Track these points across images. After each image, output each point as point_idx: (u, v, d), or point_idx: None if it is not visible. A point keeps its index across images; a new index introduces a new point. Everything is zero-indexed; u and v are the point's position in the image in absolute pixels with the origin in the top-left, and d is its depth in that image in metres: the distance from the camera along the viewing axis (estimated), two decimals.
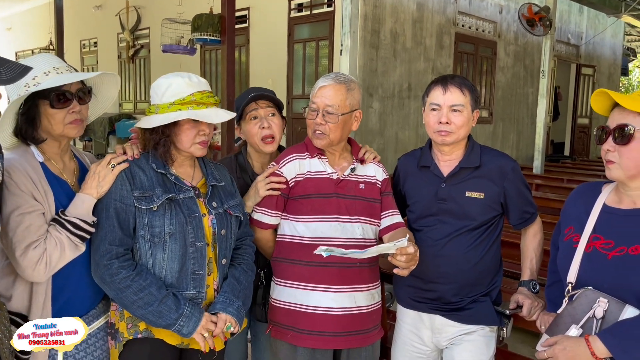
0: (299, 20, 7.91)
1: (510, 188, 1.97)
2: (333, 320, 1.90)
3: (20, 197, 1.53)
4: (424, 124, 2.02)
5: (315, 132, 1.93)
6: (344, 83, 1.93)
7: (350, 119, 1.96)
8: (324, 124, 1.91)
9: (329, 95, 1.91)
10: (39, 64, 1.61)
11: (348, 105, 1.93)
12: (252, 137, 2.12)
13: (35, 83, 1.58)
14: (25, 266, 1.51)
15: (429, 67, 8.23)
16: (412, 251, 1.66)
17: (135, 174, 1.70)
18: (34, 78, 1.58)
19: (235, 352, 2.24)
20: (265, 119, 2.11)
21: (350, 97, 1.94)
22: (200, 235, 1.71)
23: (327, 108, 1.90)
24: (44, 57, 1.67)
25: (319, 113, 1.91)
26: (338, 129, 1.92)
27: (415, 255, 1.69)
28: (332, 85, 1.92)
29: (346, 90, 1.92)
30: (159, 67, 10.48)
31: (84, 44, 12.89)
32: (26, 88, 1.58)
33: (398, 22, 7.60)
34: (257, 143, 2.11)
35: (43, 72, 1.59)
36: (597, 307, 1.51)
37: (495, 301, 2.00)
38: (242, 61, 8.83)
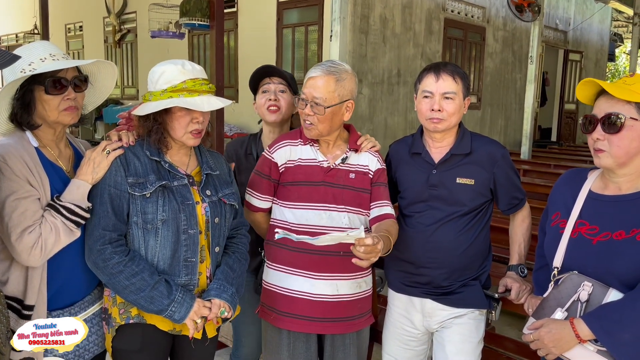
0: (288, 5, 7.85)
1: (499, 174, 2.00)
2: (312, 305, 1.93)
3: (15, 182, 1.54)
4: (416, 111, 2.04)
5: (305, 122, 1.94)
6: (334, 74, 1.91)
7: (340, 110, 1.94)
8: (312, 115, 1.91)
9: (317, 87, 1.89)
10: (35, 50, 1.61)
11: (337, 97, 1.91)
12: (260, 107, 2.25)
13: (31, 69, 1.58)
14: (20, 251, 1.53)
15: (418, 53, 8.23)
16: (370, 243, 1.59)
17: (130, 160, 1.71)
18: (30, 64, 1.58)
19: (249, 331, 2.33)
20: (274, 92, 2.21)
21: (340, 88, 1.91)
22: (193, 223, 1.73)
23: (314, 99, 1.89)
24: (41, 44, 1.67)
25: (308, 104, 1.91)
26: (326, 120, 1.91)
27: (374, 248, 1.60)
28: (320, 76, 1.90)
29: (335, 82, 1.90)
30: (146, 52, 10.36)
31: (69, 28, 12.68)
32: (22, 73, 1.58)
33: (387, 8, 7.58)
34: (263, 113, 2.23)
35: (39, 58, 1.60)
36: (581, 291, 1.56)
37: (485, 285, 2.05)
38: (231, 46, 8.75)
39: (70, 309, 1.69)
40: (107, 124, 9.85)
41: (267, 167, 1.98)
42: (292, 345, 1.97)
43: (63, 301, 1.67)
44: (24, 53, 1.60)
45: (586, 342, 1.50)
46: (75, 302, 1.70)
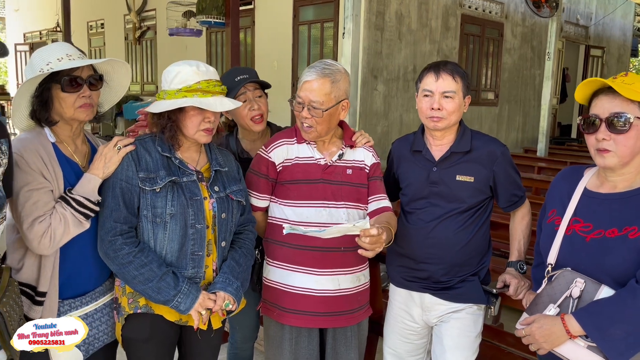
0: (304, 2, 7.90)
1: (499, 172, 2.03)
2: (315, 301, 1.98)
3: (30, 174, 1.63)
4: (417, 110, 2.07)
5: (303, 125, 1.97)
6: (329, 76, 1.92)
7: (337, 111, 1.98)
8: (310, 118, 1.94)
9: (313, 90, 1.91)
10: (53, 51, 1.70)
11: (333, 99, 1.93)
12: (242, 118, 2.24)
13: (49, 68, 1.67)
14: (31, 239, 1.62)
15: (434, 49, 8.21)
16: (375, 233, 1.64)
17: (141, 156, 1.78)
18: (48, 64, 1.67)
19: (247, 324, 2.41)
20: (254, 100, 2.23)
21: (336, 89, 1.93)
22: (201, 218, 1.79)
23: (311, 103, 1.91)
24: (58, 45, 1.76)
25: (305, 107, 1.93)
26: (324, 122, 1.94)
27: (379, 238, 1.66)
28: (316, 79, 1.91)
29: (331, 84, 1.92)
30: (165, 49, 10.52)
31: (91, 26, 12.91)
32: (40, 72, 1.67)
33: (403, 4, 7.58)
34: (247, 124, 2.24)
35: (56, 58, 1.68)
36: (574, 287, 1.59)
37: (484, 280, 2.08)
38: (248, 43, 8.84)
39: (81, 298, 1.77)
40: (127, 120, 10.04)
41: (264, 167, 2.03)
42: (295, 340, 2.03)
43: (75, 290, 1.75)
44: (43, 53, 1.70)
45: (577, 337, 1.53)
46: (87, 291, 1.79)
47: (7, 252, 1.72)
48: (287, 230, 1.68)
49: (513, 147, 10.20)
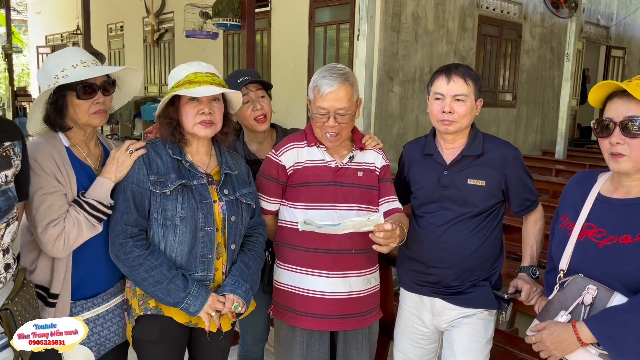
0: (320, 4, 7.90)
1: (511, 176, 2.01)
2: (327, 303, 1.99)
3: (43, 178, 1.66)
4: (429, 113, 2.06)
5: (328, 136, 1.97)
6: (348, 81, 1.95)
7: (356, 111, 2.03)
8: (336, 126, 1.95)
9: (340, 98, 1.92)
10: (67, 57, 1.73)
11: (354, 102, 1.99)
12: (245, 119, 2.27)
13: (64, 75, 1.69)
14: (45, 242, 1.64)
15: (451, 51, 8.15)
16: (389, 228, 1.67)
17: (152, 159, 1.80)
18: (63, 70, 1.70)
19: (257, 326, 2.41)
20: (256, 101, 2.26)
21: (355, 92, 1.99)
22: (210, 221, 1.80)
23: (338, 111, 1.93)
24: (72, 50, 1.78)
25: (330, 117, 1.94)
26: (349, 126, 2.00)
27: (393, 233, 1.69)
28: (339, 88, 1.91)
29: (351, 87, 1.96)
30: (183, 51, 10.61)
31: (110, 28, 13.08)
32: (55, 79, 1.69)
33: (420, 5, 7.54)
34: (251, 124, 2.27)
35: (71, 65, 1.71)
36: (586, 294, 1.56)
37: (495, 285, 2.06)
38: (264, 44, 8.88)
39: (93, 300, 1.79)
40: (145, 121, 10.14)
41: (274, 170, 2.03)
42: (306, 343, 2.03)
43: (86, 292, 1.78)
44: (56, 59, 1.72)
45: (588, 345, 1.51)
46: (99, 293, 1.81)
47: (21, 254, 1.75)
48: (301, 226, 1.69)
49: (531, 149, 10.09)
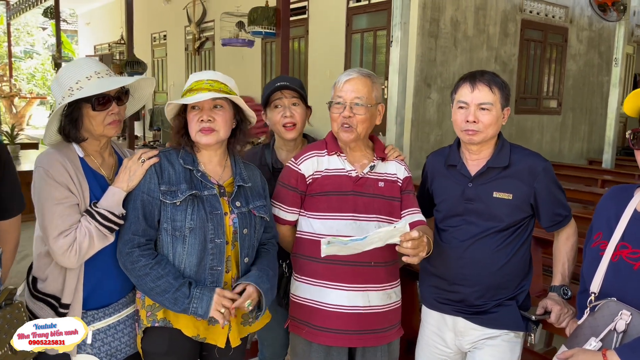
0: (357, 11, 7.86)
1: (540, 189, 1.89)
2: (346, 318, 1.91)
3: (56, 188, 1.65)
4: (452, 122, 1.97)
5: (342, 126, 1.92)
6: (368, 76, 1.94)
7: (376, 112, 1.96)
8: (352, 116, 1.90)
9: (356, 89, 1.90)
10: (82, 69, 1.73)
11: (374, 98, 1.93)
12: (275, 124, 2.22)
13: (79, 87, 1.69)
14: (56, 252, 1.64)
15: (491, 56, 7.95)
16: (416, 235, 1.60)
17: (164, 168, 1.78)
18: (77, 82, 1.70)
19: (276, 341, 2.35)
20: (288, 107, 2.20)
21: (375, 90, 1.94)
22: (220, 233, 1.76)
23: (354, 100, 1.89)
24: (86, 61, 1.78)
25: (347, 106, 1.90)
26: (366, 121, 1.92)
27: (421, 241, 1.63)
28: (357, 77, 1.92)
29: (371, 83, 1.93)
30: (222, 58, 10.77)
31: (154, 37, 13.44)
32: (70, 92, 1.69)
33: (459, 10, 7.38)
34: (279, 130, 2.22)
35: (85, 76, 1.70)
36: (618, 320, 1.44)
37: (523, 305, 1.94)
38: (301, 51, 8.90)
39: (104, 310, 1.78)
40: None
41: (293, 179, 1.98)
42: None
43: (98, 302, 1.76)
44: (70, 71, 1.72)
45: None
46: (110, 303, 1.79)
47: (34, 263, 1.75)
48: (325, 247, 1.59)
49: (577, 158, 9.71)
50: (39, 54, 23.97)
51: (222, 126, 1.81)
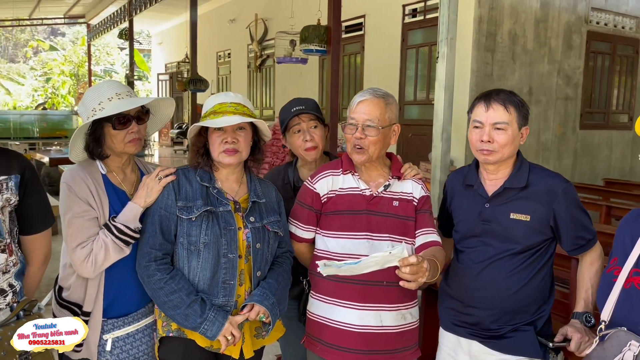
0: (412, 26, 7.83)
1: (560, 211, 1.82)
2: (357, 337, 1.91)
3: (76, 203, 1.78)
4: (469, 141, 1.94)
5: (354, 147, 1.94)
6: (382, 97, 1.94)
7: (389, 133, 1.96)
8: (363, 138, 1.91)
9: (368, 110, 1.91)
10: (104, 90, 1.85)
11: (387, 119, 1.93)
12: (296, 148, 2.27)
13: (100, 108, 1.82)
14: (75, 262, 1.76)
15: (553, 70, 7.66)
16: (414, 261, 1.55)
17: (182, 185, 1.87)
18: (100, 103, 1.82)
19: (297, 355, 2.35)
20: (307, 131, 2.23)
21: (389, 111, 1.94)
22: (233, 248, 1.83)
23: (366, 122, 1.91)
24: (109, 83, 1.91)
25: (358, 127, 1.92)
26: (378, 142, 1.92)
27: (420, 267, 1.57)
28: (370, 99, 1.92)
29: (385, 104, 1.93)
30: (282, 75, 11.02)
31: (219, 55, 13.96)
32: (93, 112, 1.82)
33: (518, 23, 7.19)
34: (301, 154, 2.26)
35: (107, 97, 1.83)
36: (627, 351, 1.37)
37: (542, 332, 1.86)
38: (357, 67, 8.96)
39: (124, 319, 1.88)
40: None
41: (309, 198, 2.01)
42: None
43: (118, 311, 1.87)
44: (94, 93, 1.85)
45: None
46: (129, 313, 1.89)
47: (60, 272, 1.89)
48: (322, 269, 1.61)
49: None
50: (117, 73, 25.48)
51: (244, 147, 1.90)
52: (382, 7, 8.30)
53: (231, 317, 1.79)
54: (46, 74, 25.11)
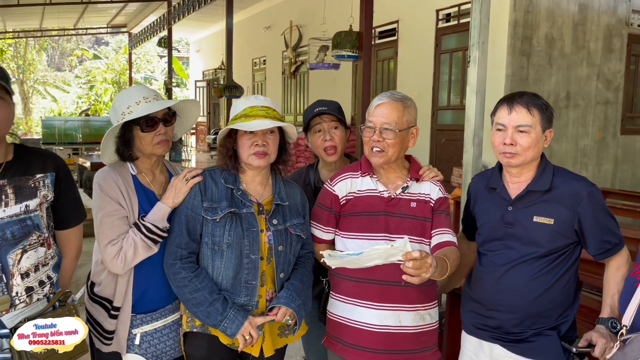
0: (446, 31, 7.79)
1: (585, 215, 1.80)
2: (376, 337, 1.92)
3: (107, 202, 1.86)
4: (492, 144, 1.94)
5: (372, 150, 1.97)
6: (400, 101, 1.96)
7: (407, 136, 1.98)
8: (381, 141, 1.94)
9: (386, 113, 1.94)
10: (132, 95, 1.93)
11: (405, 122, 1.95)
12: (316, 148, 2.32)
13: (129, 112, 1.89)
14: (105, 259, 1.84)
15: (593, 74, 7.48)
16: (417, 255, 1.56)
17: (208, 186, 1.93)
18: (128, 107, 1.90)
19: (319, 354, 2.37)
20: (328, 132, 2.28)
21: (407, 114, 1.96)
22: (255, 249, 1.87)
23: (384, 125, 1.93)
24: (137, 88, 1.99)
25: (376, 130, 1.94)
26: (396, 145, 1.94)
27: (424, 262, 1.58)
28: (388, 103, 1.95)
29: (403, 108, 1.95)
30: (316, 81, 11.10)
31: (255, 62, 14.16)
32: (122, 116, 1.90)
33: (555, 27, 7.06)
34: (321, 154, 2.31)
35: (135, 101, 1.91)
36: None
37: (566, 336, 1.84)
38: (391, 72, 8.95)
39: (152, 314, 1.95)
40: None
41: (328, 200, 2.05)
42: None
43: (146, 307, 1.94)
44: (123, 98, 1.93)
45: None
46: (157, 309, 1.96)
47: (92, 269, 1.97)
48: (326, 259, 1.66)
49: None
50: (156, 80, 26.16)
51: (273, 150, 1.94)
52: (415, 12, 8.29)
53: (251, 317, 1.83)
54: (90, 82, 26.02)
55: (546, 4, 6.95)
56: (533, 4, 6.84)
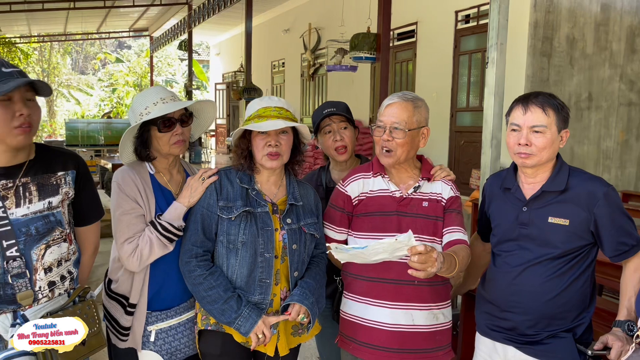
0: (465, 32, 7.75)
1: (601, 216, 1.77)
2: (389, 335, 1.93)
3: (125, 201, 1.90)
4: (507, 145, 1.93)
5: (382, 150, 1.97)
6: (411, 101, 1.97)
7: (418, 136, 1.98)
8: (390, 140, 1.94)
9: (396, 113, 1.95)
10: (149, 96, 1.97)
11: (415, 122, 1.96)
12: (327, 148, 2.35)
13: (147, 112, 1.93)
14: (122, 256, 1.87)
15: (615, 74, 7.37)
16: (422, 249, 1.56)
17: (224, 185, 1.95)
18: (146, 108, 1.94)
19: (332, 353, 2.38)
20: (338, 132, 2.31)
21: (418, 114, 1.96)
22: (270, 248, 1.89)
23: (393, 125, 1.94)
24: (154, 89, 2.02)
25: (386, 130, 1.95)
26: (405, 145, 1.95)
27: (429, 256, 1.58)
28: (398, 102, 1.96)
29: (413, 108, 1.96)
30: (334, 83, 11.13)
31: (274, 65, 14.24)
32: (140, 116, 1.94)
33: (576, 27, 6.97)
34: (332, 154, 2.34)
35: (152, 102, 1.94)
36: None
37: (582, 339, 1.81)
38: (409, 74, 8.93)
39: (167, 312, 1.97)
40: None
41: (341, 200, 2.06)
42: None
43: (161, 304, 1.97)
44: (141, 99, 1.97)
45: None
46: (172, 307, 1.99)
47: (109, 266, 2.01)
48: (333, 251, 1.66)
49: None
50: (177, 83, 26.46)
51: (286, 151, 1.96)
52: (434, 14, 8.26)
53: (265, 316, 1.85)
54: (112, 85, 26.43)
55: (567, 5, 6.87)
56: (554, 5, 6.77)
